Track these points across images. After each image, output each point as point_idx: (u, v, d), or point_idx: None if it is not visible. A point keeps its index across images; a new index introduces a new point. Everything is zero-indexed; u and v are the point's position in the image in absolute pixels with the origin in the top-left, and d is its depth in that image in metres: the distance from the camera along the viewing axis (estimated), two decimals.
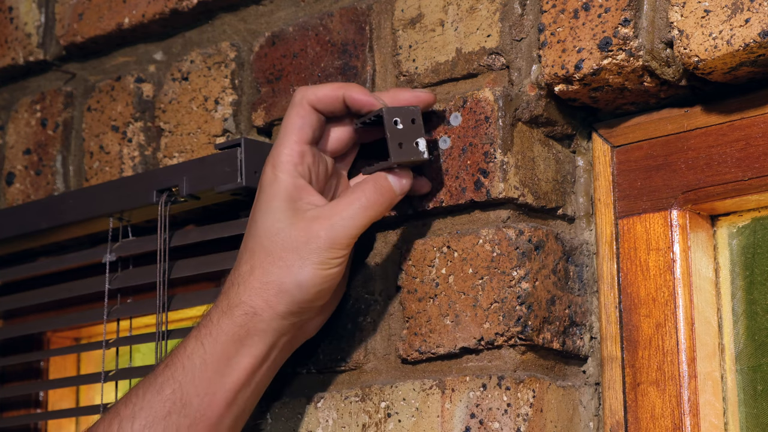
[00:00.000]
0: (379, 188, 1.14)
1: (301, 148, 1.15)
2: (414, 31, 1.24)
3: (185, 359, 1.14)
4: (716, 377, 1.14)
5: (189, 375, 1.13)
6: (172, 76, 1.43)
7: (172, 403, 1.13)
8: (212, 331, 1.14)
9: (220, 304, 1.15)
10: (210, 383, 1.14)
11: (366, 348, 1.23)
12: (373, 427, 1.19)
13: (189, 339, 1.15)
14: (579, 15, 1.13)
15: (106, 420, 1.15)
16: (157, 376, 1.15)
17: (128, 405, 1.14)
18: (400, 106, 1.15)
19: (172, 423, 1.13)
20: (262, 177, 1.16)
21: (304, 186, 1.14)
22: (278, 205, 1.14)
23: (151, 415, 1.13)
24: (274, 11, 1.36)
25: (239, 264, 1.15)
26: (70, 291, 1.45)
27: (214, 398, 1.14)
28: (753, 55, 1.05)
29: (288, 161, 1.14)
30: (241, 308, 1.13)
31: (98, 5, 1.48)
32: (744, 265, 1.16)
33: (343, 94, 1.15)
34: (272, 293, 1.13)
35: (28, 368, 1.59)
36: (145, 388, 1.15)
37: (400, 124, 1.14)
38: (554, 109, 1.18)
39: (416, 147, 1.14)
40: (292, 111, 1.16)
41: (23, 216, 1.47)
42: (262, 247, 1.13)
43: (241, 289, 1.14)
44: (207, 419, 1.14)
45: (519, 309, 1.13)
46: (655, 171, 1.16)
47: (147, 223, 1.40)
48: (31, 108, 1.57)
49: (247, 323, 1.13)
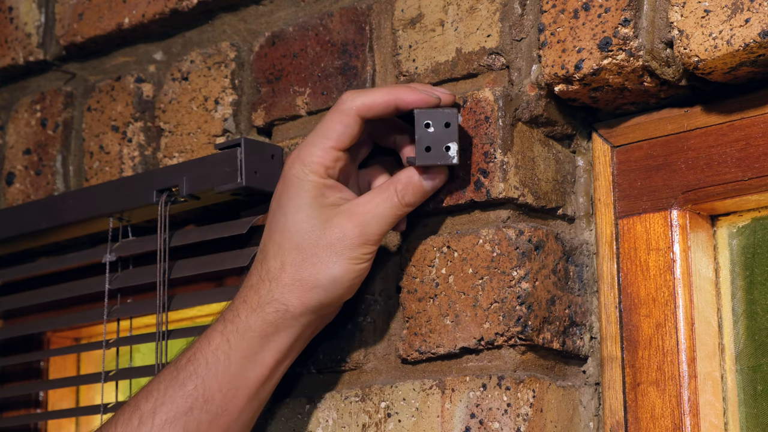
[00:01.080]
0: (410, 185, 1.13)
1: (337, 155, 1.13)
2: (414, 31, 1.24)
3: (209, 354, 1.14)
4: (716, 377, 1.14)
5: (212, 371, 1.13)
6: (172, 76, 1.43)
7: (194, 398, 1.13)
8: (239, 328, 1.14)
9: (249, 301, 1.14)
10: (233, 379, 1.14)
11: (366, 348, 1.23)
12: (373, 427, 1.19)
13: (213, 333, 1.15)
14: (579, 15, 1.13)
15: (126, 413, 1.15)
16: (180, 370, 1.14)
17: (149, 399, 1.14)
18: (435, 108, 1.12)
19: (193, 419, 1.13)
20: (289, 171, 1.14)
21: (333, 184, 1.14)
22: (310, 203, 1.13)
23: (172, 410, 1.13)
24: (274, 11, 1.36)
25: (266, 258, 1.15)
26: (70, 291, 1.45)
27: (237, 393, 1.14)
28: (753, 55, 1.05)
29: (320, 163, 1.13)
30: (273, 305, 1.13)
31: (98, 5, 1.48)
32: (744, 265, 1.16)
33: (395, 101, 1.12)
34: (306, 289, 1.13)
35: (28, 368, 1.59)
36: (167, 382, 1.14)
37: (431, 127, 1.11)
38: (554, 109, 1.18)
39: (446, 151, 1.11)
40: (336, 117, 1.13)
41: (23, 216, 1.47)
42: (293, 244, 1.13)
43: (273, 285, 1.13)
44: (228, 414, 1.14)
45: (519, 309, 1.13)
46: (655, 171, 1.16)
47: (147, 223, 1.40)
48: (31, 108, 1.57)
49: (278, 320, 1.14)
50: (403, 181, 1.13)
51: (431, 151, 1.12)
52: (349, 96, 1.13)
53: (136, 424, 1.13)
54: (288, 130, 1.32)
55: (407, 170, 1.14)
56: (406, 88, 1.12)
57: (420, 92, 1.12)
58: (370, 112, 1.12)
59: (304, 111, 1.31)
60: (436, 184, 1.14)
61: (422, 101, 1.12)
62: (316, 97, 1.30)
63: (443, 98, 1.13)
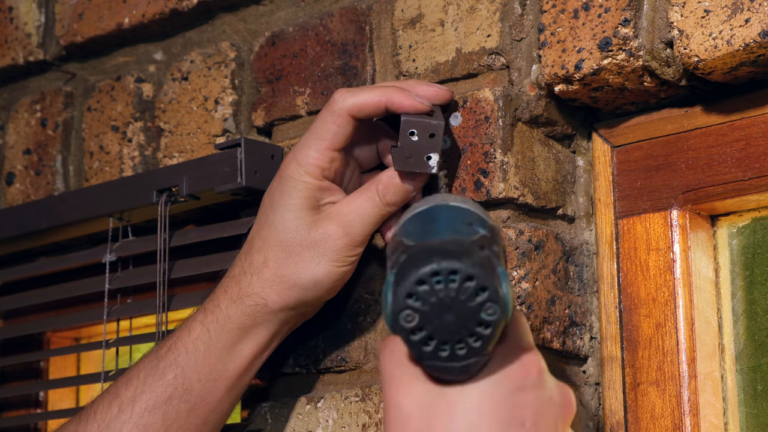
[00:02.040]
0: (390, 184, 1.13)
1: (332, 155, 1.13)
2: (414, 31, 1.24)
3: (189, 344, 1.15)
4: (716, 377, 1.14)
5: (192, 360, 1.14)
6: (172, 76, 1.43)
7: (173, 388, 1.14)
8: (219, 318, 1.15)
9: (230, 292, 1.15)
10: (212, 369, 1.15)
11: (366, 348, 1.23)
12: (373, 427, 1.19)
13: (194, 323, 1.16)
14: (579, 15, 1.13)
15: (106, 400, 1.16)
16: (160, 359, 1.15)
17: (129, 387, 1.15)
18: (422, 118, 1.11)
19: (172, 408, 1.14)
20: (285, 170, 1.14)
21: (328, 186, 1.14)
22: (300, 204, 1.13)
23: (152, 399, 1.14)
24: (274, 11, 1.36)
25: (250, 251, 1.15)
26: (70, 291, 1.45)
27: (216, 384, 1.15)
28: (753, 55, 1.05)
29: (315, 164, 1.13)
30: (253, 299, 1.14)
31: (98, 5, 1.48)
32: (744, 265, 1.16)
33: (386, 102, 1.12)
34: (286, 287, 1.13)
35: (28, 368, 1.59)
36: (147, 370, 1.15)
37: (416, 136, 1.11)
38: (554, 109, 1.18)
39: (426, 161, 1.11)
40: (329, 117, 1.13)
41: (23, 216, 1.47)
42: (278, 241, 1.13)
43: (254, 279, 1.14)
44: (207, 404, 1.15)
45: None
46: (655, 171, 1.16)
47: (147, 223, 1.40)
48: (31, 108, 1.57)
49: (256, 313, 1.14)
50: (384, 180, 1.13)
51: (412, 158, 1.11)
52: (340, 96, 1.13)
53: (116, 412, 1.14)
54: (288, 130, 1.33)
55: (388, 170, 1.14)
56: (399, 92, 1.12)
57: (413, 99, 1.12)
58: (361, 112, 1.12)
59: (304, 111, 1.31)
60: (417, 184, 1.14)
61: (413, 108, 1.11)
62: (316, 97, 1.30)
63: (441, 95, 1.13)
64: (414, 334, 0.88)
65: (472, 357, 0.89)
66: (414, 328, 0.88)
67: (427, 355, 0.89)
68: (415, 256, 0.89)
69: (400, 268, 0.89)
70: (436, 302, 0.88)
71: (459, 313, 0.88)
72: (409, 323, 0.88)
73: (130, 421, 1.14)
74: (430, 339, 0.88)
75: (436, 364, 0.89)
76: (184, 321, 1.17)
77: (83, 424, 1.16)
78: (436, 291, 0.88)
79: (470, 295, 0.88)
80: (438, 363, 0.89)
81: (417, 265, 0.88)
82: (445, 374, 0.90)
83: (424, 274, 0.88)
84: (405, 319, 0.88)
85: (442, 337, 0.88)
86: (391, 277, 0.90)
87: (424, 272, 0.88)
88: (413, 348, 0.89)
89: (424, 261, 0.88)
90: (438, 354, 0.89)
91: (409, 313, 0.88)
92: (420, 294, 0.88)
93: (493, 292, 0.88)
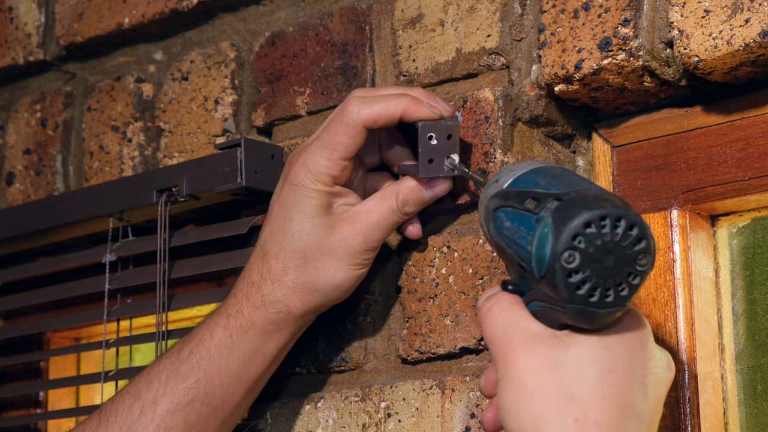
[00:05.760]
0: (411, 195, 1.15)
1: (344, 164, 1.14)
2: (414, 31, 1.24)
3: (212, 348, 1.16)
4: (716, 377, 1.14)
5: (215, 365, 1.16)
6: (172, 76, 1.43)
7: (196, 391, 1.16)
8: (242, 324, 1.16)
9: (252, 298, 1.16)
10: (234, 373, 1.16)
11: (366, 348, 1.23)
12: (373, 427, 1.19)
13: (216, 327, 1.17)
14: (579, 15, 1.13)
15: (127, 401, 1.17)
16: (182, 362, 1.16)
17: (150, 389, 1.16)
18: (437, 121, 1.12)
19: (194, 411, 1.16)
20: (295, 177, 1.15)
21: (339, 191, 1.15)
22: (315, 212, 1.14)
23: (174, 402, 1.15)
24: (274, 11, 1.36)
25: (267, 257, 1.16)
26: (70, 291, 1.45)
27: (237, 387, 1.17)
28: (753, 55, 1.05)
29: (327, 174, 1.14)
30: (276, 306, 1.15)
31: (98, 5, 1.48)
32: (744, 265, 1.16)
33: (401, 114, 1.12)
34: (307, 293, 1.15)
35: (28, 368, 1.59)
36: (168, 372, 1.16)
37: (434, 140, 1.12)
38: (554, 109, 1.18)
39: (447, 163, 1.13)
40: (342, 129, 1.13)
41: (23, 216, 1.47)
42: (296, 248, 1.14)
43: (275, 286, 1.15)
44: (227, 406, 1.17)
45: None
46: (655, 171, 1.16)
47: (147, 223, 1.40)
48: (31, 108, 1.57)
49: (280, 320, 1.16)
50: (405, 191, 1.14)
51: (434, 163, 1.13)
52: (354, 106, 1.13)
53: (137, 414, 1.15)
54: (288, 130, 1.33)
55: (408, 181, 1.15)
56: (412, 101, 1.13)
57: (425, 107, 1.13)
58: (376, 124, 1.13)
59: (304, 111, 1.31)
60: (437, 193, 1.15)
61: (426, 116, 1.13)
62: (316, 97, 1.30)
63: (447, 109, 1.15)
64: (571, 276, 0.91)
65: (616, 306, 0.92)
66: (574, 270, 0.90)
67: (578, 297, 0.91)
68: (576, 201, 0.91)
69: (560, 212, 0.91)
70: (600, 245, 0.90)
71: (618, 259, 0.91)
72: (569, 264, 0.90)
73: (152, 424, 1.15)
74: (583, 282, 0.91)
75: (584, 308, 0.91)
76: (205, 323, 1.18)
77: (104, 426, 1.17)
78: (602, 234, 0.90)
79: (631, 243, 0.91)
80: (585, 307, 0.91)
81: (584, 209, 0.90)
82: (585, 320, 0.92)
83: (594, 218, 0.90)
84: (566, 260, 0.90)
85: (598, 281, 0.91)
86: (548, 219, 0.91)
87: (594, 215, 0.90)
88: (567, 288, 0.91)
89: (591, 205, 0.91)
90: (588, 299, 0.91)
91: (571, 253, 0.90)
92: (587, 235, 0.90)
93: (647, 243, 0.91)
